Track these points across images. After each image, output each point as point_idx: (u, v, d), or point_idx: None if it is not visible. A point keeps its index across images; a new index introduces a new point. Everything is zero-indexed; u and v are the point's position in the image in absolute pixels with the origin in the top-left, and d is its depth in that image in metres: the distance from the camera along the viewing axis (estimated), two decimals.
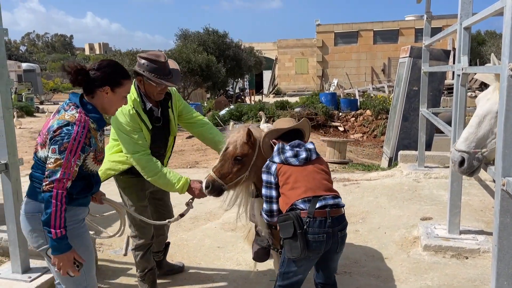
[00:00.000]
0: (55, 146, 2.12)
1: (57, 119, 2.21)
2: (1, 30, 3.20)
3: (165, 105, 3.20)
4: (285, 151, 2.54)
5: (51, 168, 2.11)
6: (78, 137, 2.14)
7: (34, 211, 2.27)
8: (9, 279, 3.43)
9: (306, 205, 2.37)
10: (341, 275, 3.74)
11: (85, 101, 2.30)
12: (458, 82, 3.83)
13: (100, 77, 2.28)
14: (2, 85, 3.21)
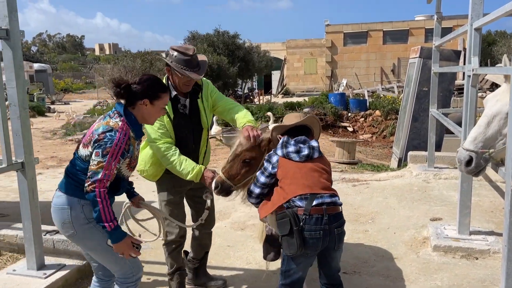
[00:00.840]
0: (99, 150, 2.32)
1: (102, 124, 2.41)
2: (18, 32, 3.28)
3: (194, 96, 3.21)
4: (289, 145, 2.57)
5: (94, 170, 2.30)
6: (119, 143, 2.34)
7: (63, 204, 2.45)
8: (24, 275, 3.51)
9: (303, 202, 2.40)
10: (350, 274, 3.77)
11: (128, 112, 2.49)
12: (468, 82, 3.84)
13: (140, 90, 2.48)
14: (19, 86, 3.29)
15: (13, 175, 8.32)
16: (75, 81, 53.76)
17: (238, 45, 23.71)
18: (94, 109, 22.39)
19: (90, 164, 2.32)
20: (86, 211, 2.43)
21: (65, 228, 2.48)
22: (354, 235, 4.63)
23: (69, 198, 2.44)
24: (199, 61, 3.13)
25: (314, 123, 2.78)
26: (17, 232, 4.07)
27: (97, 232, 2.44)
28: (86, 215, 2.43)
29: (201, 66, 3.11)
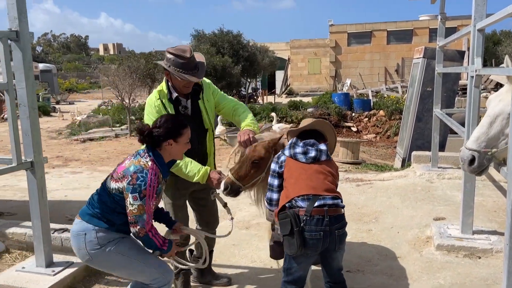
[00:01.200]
0: (136, 193, 2.44)
1: (133, 164, 2.52)
2: (27, 34, 3.34)
3: (195, 97, 3.22)
4: (296, 146, 2.61)
5: (137, 214, 2.45)
6: (152, 183, 2.47)
7: (79, 230, 2.56)
8: (33, 272, 3.57)
9: (305, 203, 2.44)
10: (354, 273, 3.81)
11: (156, 153, 2.60)
12: (471, 83, 3.87)
13: (163, 133, 2.58)
14: (29, 86, 3.35)
15: (19, 174, 8.42)
16: (80, 81, 54.01)
17: (242, 45, 23.73)
18: (99, 109, 22.50)
19: (130, 207, 2.45)
20: (99, 237, 2.54)
21: (81, 254, 2.59)
22: (357, 234, 4.66)
23: (85, 224, 2.56)
24: (197, 62, 3.12)
25: (326, 128, 2.79)
26: (25, 230, 4.14)
27: (111, 253, 2.55)
28: (99, 241, 2.54)
29: (199, 67, 3.11)
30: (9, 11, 3.28)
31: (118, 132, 15.43)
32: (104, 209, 2.55)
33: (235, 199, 5.34)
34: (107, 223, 2.55)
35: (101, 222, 2.55)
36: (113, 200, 2.53)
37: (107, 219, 2.55)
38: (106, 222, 2.55)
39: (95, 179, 8.66)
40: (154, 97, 3.16)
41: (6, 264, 3.96)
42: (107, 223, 2.55)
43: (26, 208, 6.20)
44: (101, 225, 2.54)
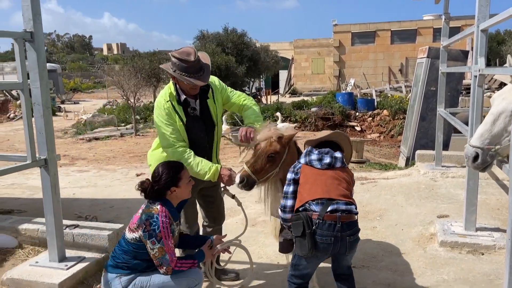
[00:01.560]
0: (153, 238, 2.62)
1: (144, 213, 2.70)
2: (41, 34, 3.43)
3: (203, 97, 3.28)
4: (311, 154, 2.69)
5: (160, 256, 2.64)
6: (165, 225, 2.64)
7: (106, 281, 2.81)
8: (47, 267, 3.66)
9: (319, 207, 2.49)
10: (359, 269, 3.88)
11: (163, 199, 2.77)
12: (475, 83, 3.94)
13: (163, 185, 2.73)
14: (43, 86, 3.44)
15: (27, 172, 8.56)
16: (84, 81, 54.22)
17: (246, 44, 23.81)
18: (104, 109, 22.65)
19: (152, 252, 2.63)
20: (122, 281, 2.71)
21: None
22: (362, 232, 4.66)
23: (108, 275, 2.77)
24: (203, 64, 3.13)
25: (341, 138, 2.86)
26: (38, 226, 4.24)
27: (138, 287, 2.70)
28: (122, 284, 2.71)
29: (205, 69, 3.13)
30: (23, 12, 3.37)
31: (123, 131, 15.56)
32: (125, 258, 2.72)
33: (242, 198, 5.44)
34: (129, 269, 2.72)
35: (123, 270, 2.73)
36: (133, 249, 2.70)
37: (128, 267, 2.72)
38: (128, 269, 2.73)
39: (102, 178, 8.78)
40: (163, 100, 3.20)
41: (20, 259, 4.06)
42: (129, 269, 2.72)
43: (35, 206, 6.35)
44: (122, 272, 2.72)
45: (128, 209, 5.98)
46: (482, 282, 3.54)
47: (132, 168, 9.65)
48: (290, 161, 2.99)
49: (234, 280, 3.80)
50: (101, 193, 7.25)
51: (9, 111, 23.92)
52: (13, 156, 3.75)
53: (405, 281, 3.62)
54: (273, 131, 2.94)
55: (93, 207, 6.29)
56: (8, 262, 4.04)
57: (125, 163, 10.51)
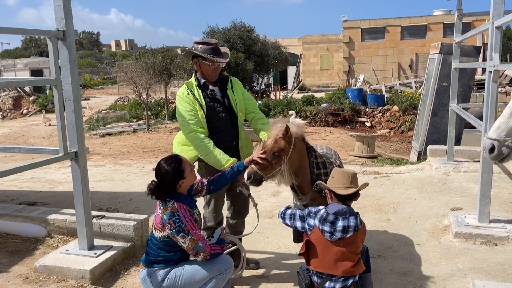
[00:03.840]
0: (181, 233, 2.76)
1: (164, 213, 2.80)
2: (72, 33, 3.59)
3: (223, 86, 3.52)
4: (325, 223, 2.73)
5: (193, 247, 2.78)
6: (187, 218, 2.79)
7: (146, 275, 2.90)
8: (77, 255, 3.85)
9: (319, 279, 2.76)
10: (375, 258, 4.01)
11: (174, 193, 2.87)
12: (489, 78, 4.04)
13: (170, 182, 2.82)
14: (74, 82, 3.61)
15: (45, 166, 8.75)
16: (93, 77, 54.60)
17: (254, 39, 23.86)
18: (115, 105, 22.90)
19: (185, 246, 2.78)
20: (161, 274, 2.86)
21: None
22: (377, 224, 4.87)
23: (148, 270, 2.89)
24: (222, 52, 3.49)
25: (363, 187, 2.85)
26: (66, 217, 4.43)
27: (171, 280, 2.85)
28: (161, 277, 2.86)
29: (224, 54, 3.48)
30: (56, 12, 3.53)
31: (136, 127, 15.77)
32: (160, 253, 2.86)
33: (257, 191, 5.57)
34: (165, 262, 2.87)
35: (159, 264, 2.87)
36: (164, 244, 2.84)
37: (164, 260, 2.87)
38: (164, 262, 2.87)
39: (117, 172, 8.97)
40: (184, 89, 3.47)
41: (50, 247, 4.26)
42: (165, 263, 2.87)
43: (56, 198, 6.56)
44: (159, 266, 2.87)
45: (147, 202, 6.15)
46: (496, 271, 3.66)
47: (147, 163, 9.84)
48: (297, 157, 3.12)
49: (255, 269, 3.95)
50: (119, 186, 7.43)
51: (22, 107, 24.28)
52: (46, 149, 3.93)
53: (421, 270, 3.75)
54: (279, 129, 3.05)
55: (113, 200, 6.47)
56: (39, 251, 4.23)
57: (140, 158, 10.70)
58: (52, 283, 3.65)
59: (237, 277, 3.47)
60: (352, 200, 2.82)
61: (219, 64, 3.43)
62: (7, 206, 4.96)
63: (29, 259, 4.09)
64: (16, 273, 3.85)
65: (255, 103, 3.75)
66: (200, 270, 2.87)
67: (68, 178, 8.16)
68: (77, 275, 3.63)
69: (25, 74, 29.50)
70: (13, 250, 4.27)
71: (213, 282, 2.90)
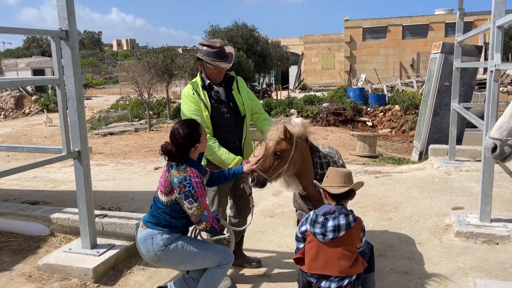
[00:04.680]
0: (189, 199, 2.75)
1: (175, 176, 2.79)
2: (75, 33, 3.61)
3: (228, 87, 3.52)
4: (316, 225, 2.75)
5: (199, 214, 2.78)
6: (198, 185, 2.78)
7: (146, 235, 2.87)
8: (80, 253, 3.87)
9: (315, 280, 2.77)
10: (377, 257, 4.01)
11: (186, 157, 2.87)
12: (491, 77, 4.05)
13: (187, 144, 2.83)
14: (77, 82, 3.63)
15: (47, 166, 8.79)
16: (95, 77, 54.66)
17: (256, 39, 23.88)
18: (117, 104, 22.94)
19: (190, 211, 2.78)
20: (164, 238, 2.84)
21: (151, 257, 2.87)
22: (378, 223, 4.88)
23: (149, 231, 2.87)
24: (227, 52, 3.47)
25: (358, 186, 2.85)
26: (69, 216, 4.45)
27: (176, 250, 2.85)
28: (164, 242, 2.84)
29: (229, 56, 3.45)
30: (59, 12, 3.55)
31: (137, 126, 15.81)
32: (165, 217, 2.85)
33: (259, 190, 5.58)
34: (170, 228, 2.86)
35: (164, 228, 2.86)
36: (170, 209, 2.84)
37: (169, 225, 2.86)
38: (169, 227, 2.86)
39: (120, 171, 9.00)
40: (189, 89, 3.46)
41: (53, 246, 4.28)
42: (170, 228, 2.86)
43: (58, 198, 6.58)
44: (164, 230, 2.85)
45: (149, 201, 6.10)
46: (497, 270, 3.67)
47: (148, 162, 9.87)
48: (299, 157, 3.12)
49: (256, 267, 3.97)
50: (121, 186, 7.46)
51: (24, 106, 24.34)
52: (49, 148, 3.95)
53: (422, 269, 3.76)
54: (280, 130, 3.05)
55: (115, 199, 6.49)
56: (42, 249, 4.26)
57: (141, 157, 10.73)
58: (55, 281, 3.67)
59: None
60: (346, 200, 2.82)
61: (223, 68, 3.42)
62: (10, 205, 4.98)
63: (32, 257, 4.11)
64: (20, 272, 3.88)
65: (259, 103, 3.76)
66: (206, 254, 2.88)
67: (70, 177, 8.19)
68: (80, 273, 3.65)
69: (27, 74, 29.55)
70: (16, 249, 4.30)
71: (212, 274, 2.92)
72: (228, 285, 3.53)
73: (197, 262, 2.90)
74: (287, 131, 3.03)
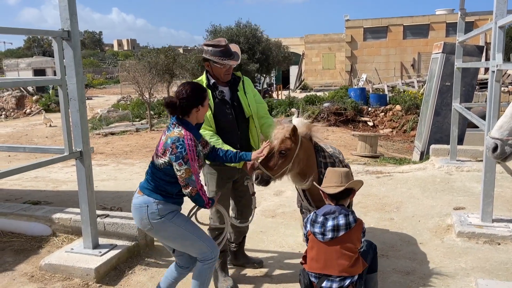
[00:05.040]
0: (180, 160, 2.71)
1: (169, 136, 2.77)
2: (77, 33, 3.62)
3: (234, 88, 3.50)
4: (315, 225, 2.77)
5: (186, 177, 2.73)
6: (191, 148, 2.74)
7: (142, 203, 2.84)
8: (82, 253, 3.88)
9: (317, 279, 2.78)
10: (378, 257, 3.99)
11: (184, 120, 2.85)
12: (492, 78, 4.05)
13: (190, 102, 2.82)
14: (79, 82, 3.64)
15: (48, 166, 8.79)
16: (96, 77, 54.67)
17: (258, 39, 23.84)
18: (118, 104, 22.95)
19: (179, 173, 2.73)
20: (159, 209, 2.81)
21: (144, 224, 2.87)
22: (380, 223, 4.88)
23: (146, 198, 2.83)
24: (233, 51, 3.45)
25: (357, 185, 2.85)
26: (70, 216, 4.46)
27: (170, 224, 2.83)
28: (159, 212, 2.81)
29: (235, 55, 3.44)
30: (61, 12, 3.56)
31: (138, 126, 15.81)
32: (160, 182, 2.82)
33: (260, 190, 5.58)
34: (165, 195, 2.82)
35: (160, 195, 2.82)
36: (165, 173, 2.79)
37: (165, 191, 2.83)
38: (164, 195, 2.82)
39: (121, 171, 9.01)
40: None
41: (55, 246, 4.29)
42: (165, 196, 2.82)
43: (60, 198, 6.59)
44: (160, 198, 2.82)
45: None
46: (499, 270, 3.67)
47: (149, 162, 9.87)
48: (304, 156, 3.13)
49: (258, 267, 3.97)
50: (122, 186, 7.47)
51: (25, 106, 24.36)
52: (51, 148, 3.96)
53: (424, 269, 3.76)
54: (286, 129, 3.06)
55: (116, 199, 6.50)
56: (44, 249, 4.27)
57: (143, 157, 10.73)
58: (57, 281, 3.68)
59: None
60: (345, 199, 2.82)
61: (231, 65, 3.40)
62: (12, 205, 4.99)
63: (34, 257, 4.12)
64: (22, 272, 3.89)
65: (266, 106, 3.72)
66: (196, 240, 2.88)
67: (71, 177, 8.20)
68: (82, 273, 3.66)
69: (28, 74, 29.57)
70: (18, 249, 4.31)
71: (200, 273, 2.93)
72: (230, 285, 3.54)
73: (186, 244, 2.90)
74: (294, 131, 3.03)
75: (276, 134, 3.12)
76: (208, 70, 3.48)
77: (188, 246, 2.91)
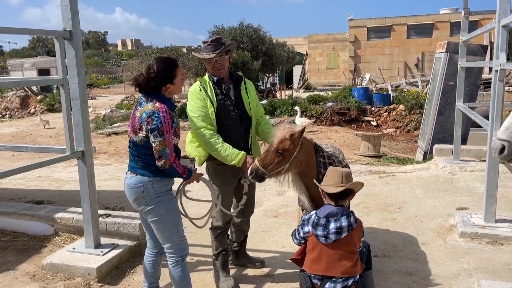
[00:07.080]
0: (155, 132, 2.71)
1: (144, 111, 2.77)
2: (79, 33, 3.62)
3: (237, 87, 3.50)
4: (318, 227, 2.75)
5: (159, 149, 2.73)
6: (166, 120, 2.74)
7: (137, 183, 2.84)
8: (84, 253, 3.88)
9: (319, 281, 2.76)
10: (380, 258, 4.02)
11: (157, 94, 2.84)
12: (496, 77, 4.02)
13: (158, 82, 2.80)
14: (80, 82, 3.64)
15: (51, 166, 8.82)
16: (100, 77, 54.82)
17: (262, 38, 23.80)
18: (122, 104, 23.00)
19: (153, 145, 2.73)
20: (156, 187, 2.82)
21: (138, 202, 2.87)
22: (382, 223, 4.86)
23: (140, 178, 2.84)
24: (223, 42, 3.41)
25: (357, 186, 2.85)
26: (73, 215, 4.47)
27: (162, 206, 2.85)
28: (156, 190, 2.82)
29: (221, 47, 3.34)
30: (63, 12, 3.57)
31: None
32: (147, 158, 2.81)
33: (262, 190, 5.58)
34: (156, 170, 2.81)
35: (151, 172, 2.82)
36: (146, 147, 2.79)
37: (154, 165, 2.81)
38: (155, 170, 2.81)
39: (124, 171, 8.98)
40: (196, 86, 3.44)
41: (57, 245, 4.30)
42: (157, 172, 2.82)
43: (63, 197, 6.61)
44: (153, 176, 2.81)
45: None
46: (502, 271, 3.65)
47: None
48: (303, 158, 3.11)
49: (259, 267, 3.97)
50: None
51: (29, 106, 24.45)
52: (53, 148, 3.97)
53: (426, 270, 3.75)
54: (287, 130, 3.06)
55: (119, 198, 6.50)
56: (46, 249, 4.28)
57: None
58: (59, 281, 3.69)
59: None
60: (345, 200, 2.81)
61: (217, 59, 3.34)
62: (15, 205, 5.01)
63: (37, 257, 4.13)
64: (24, 271, 3.90)
65: (263, 110, 3.76)
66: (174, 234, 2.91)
67: (74, 176, 8.22)
68: (84, 273, 3.66)
69: (32, 74, 29.68)
70: (21, 248, 4.32)
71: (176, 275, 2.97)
72: (231, 285, 3.54)
73: (164, 233, 2.92)
74: (299, 133, 3.03)
75: (276, 133, 3.12)
76: (207, 68, 3.49)
77: (165, 237, 2.93)
